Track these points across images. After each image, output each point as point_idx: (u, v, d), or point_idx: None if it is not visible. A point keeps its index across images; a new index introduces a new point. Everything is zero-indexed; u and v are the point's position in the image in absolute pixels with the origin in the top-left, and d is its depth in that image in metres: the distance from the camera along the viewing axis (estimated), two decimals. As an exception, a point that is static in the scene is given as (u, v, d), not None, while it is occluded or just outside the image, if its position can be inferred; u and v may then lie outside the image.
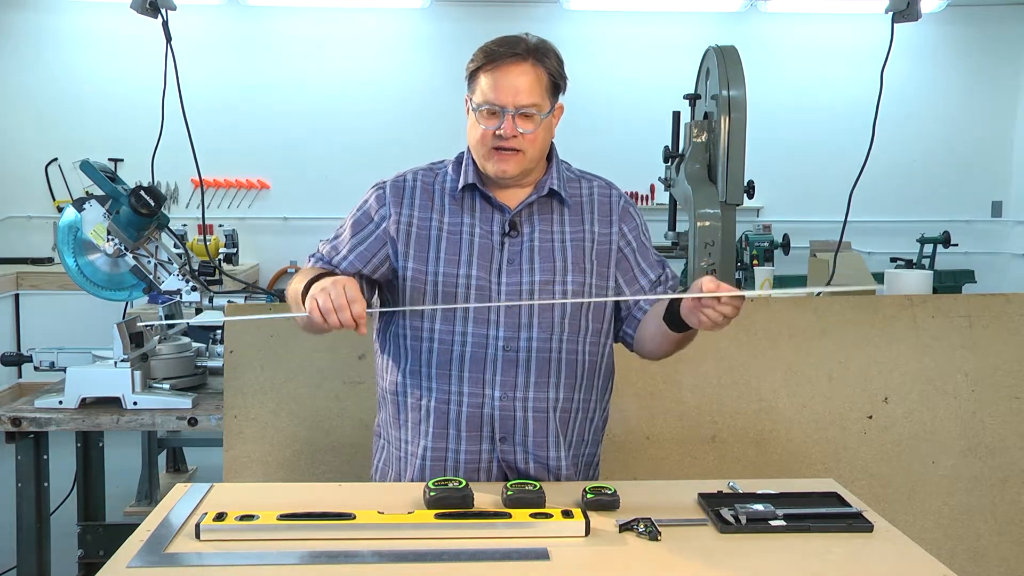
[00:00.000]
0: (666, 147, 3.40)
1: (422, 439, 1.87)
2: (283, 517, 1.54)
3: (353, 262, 1.88)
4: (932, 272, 4.13)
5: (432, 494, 1.61)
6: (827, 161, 6.62)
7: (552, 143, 1.93)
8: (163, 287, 2.97)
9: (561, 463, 1.88)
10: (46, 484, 2.85)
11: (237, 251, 5.51)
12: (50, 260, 6.32)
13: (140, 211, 2.87)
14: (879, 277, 3.63)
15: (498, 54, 1.78)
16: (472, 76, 1.82)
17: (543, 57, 1.80)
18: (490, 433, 1.84)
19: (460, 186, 1.87)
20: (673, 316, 1.74)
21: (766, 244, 4.38)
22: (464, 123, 1.87)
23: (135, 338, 2.85)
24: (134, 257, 2.96)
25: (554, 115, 1.86)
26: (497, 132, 1.78)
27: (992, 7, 6.94)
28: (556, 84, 1.83)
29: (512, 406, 1.83)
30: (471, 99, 1.82)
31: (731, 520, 1.58)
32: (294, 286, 1.80)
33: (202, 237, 3.85)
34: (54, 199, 6.62)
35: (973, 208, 7.10)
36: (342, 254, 1.89)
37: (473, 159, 1.87)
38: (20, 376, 5.81)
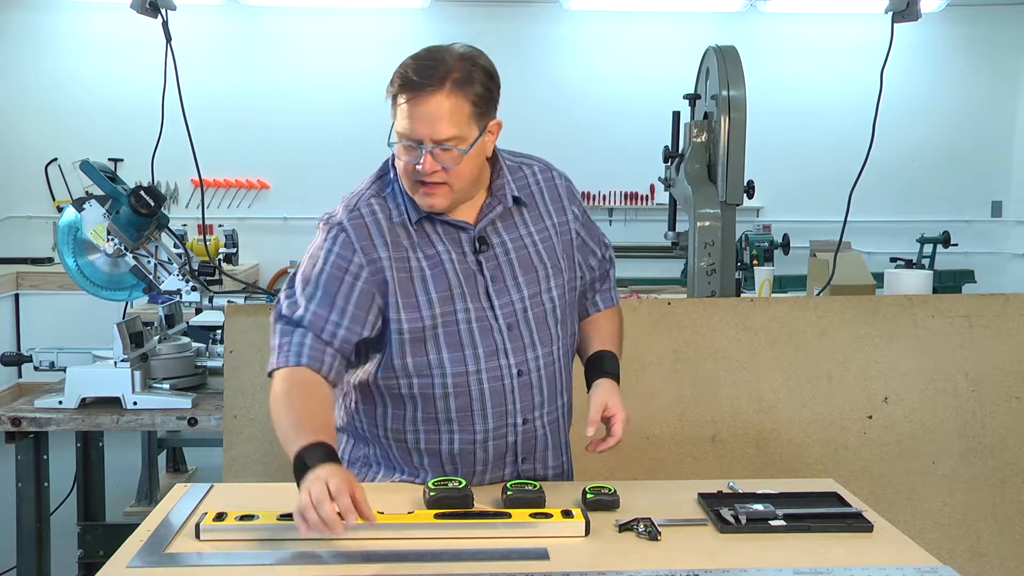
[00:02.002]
0: (666, 147, 3.40)
1: (444, 474, 1.80)
2: (283, 517, 1.54)
3: (352, 328, 1.68)
4: (932, 272, 4.13)
5: (432, 494, 1.61)
6: (827, 161, 6.61)
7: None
8: (163, 287, 2.97)
9: (567, 465, 1.90)
10: (46, 484, 2.85)
11: (237, 251, 5.49)
12: (50, 260, 6.32)
13: (140, 211, 2.87)
14: (879, 277, 3.63)
15: (413, 84, 1.61)
16: (392, 100, 1.65)
17: (463, 84, 1.62)
18: (513, 458, 1.82)
19: (415, 220, 1.73)
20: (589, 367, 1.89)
21: (766, 244, 4.36)
22: None
23: (135, 338, 2.85)
24: (134, 257, 2.96)
25: (488, 134, 1.70)
26: (417, 167, 1.64)
27: (992, 7, 6.94)
28: (483, 108, 1.66)
29: (533, 427, 1.80)
30: (393, 124, 1.67)
31: (731, 520, 1.58)
32: (283, 428, 1.63)
33: (202, 237, 3.85)
34: (54, 199, 6.62)
35: (973, 208, 7.10)
36: (333, 321, 1.67)
37: None
38: (20, 376, 5.81)
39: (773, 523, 1.58)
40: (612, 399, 1.78)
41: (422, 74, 1.61)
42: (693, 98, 3.37)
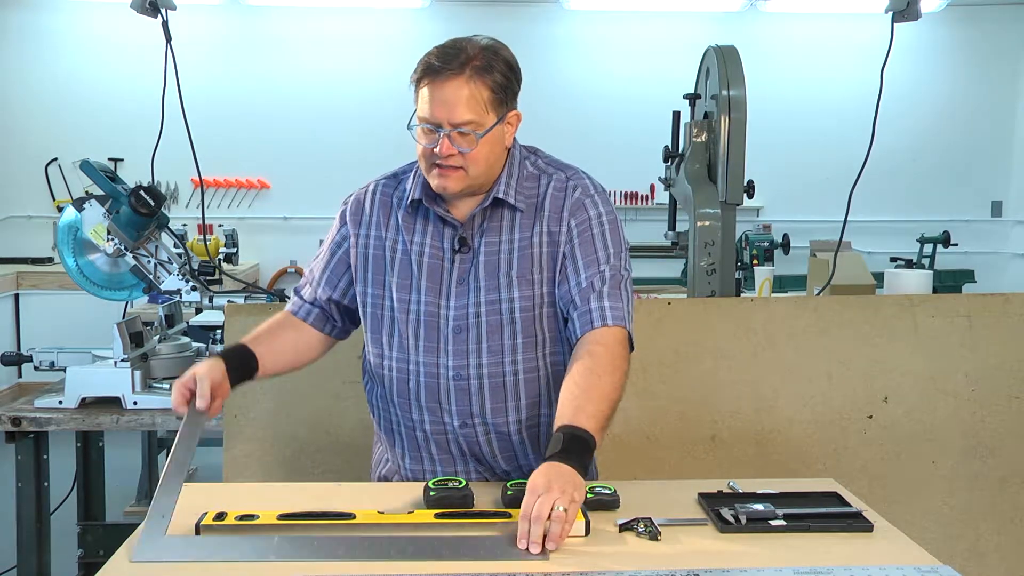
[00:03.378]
0: (666, 147, 3.40)
1: (398, 459, 1.88)
2: (283, 517, 1.54)
3: (324, 287, 1.88)
4: (932, 272, 4.13)
5: (432, 494, 1.61)
6: (827, 161, 6.62)
7: (515, 141, 1.81)
8: (163, 287, 2.97)
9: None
10: (46, 484, 2.85)
11: (237, 251, 5.49)
12: (50, 260, 6.32)
13: (140, 211, 2.87)
14: (879, 277, 3.63)
15: (434, 68, 1.66)
16: (415, 86, 1.71)
17: (483, 71, 1.67)
18: (460, 454, 1.82)
19: (408, 201, 1.79)
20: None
21: (766, 244, 4.37)
22: None
23: (135, 338, 2.85)
24: (134, 257, 2.96)
25: (508, 123, 1.74)
26: (435, 150, 1.68)
27: (992, 7, 6.94)
28: (501, 96, 1.70)
29: (473, 432, 1.80)
30: (415, 111, 1.72)
31: (731, 520, 1.58)
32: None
33: (202, 237, 3.85)
34: (54, 199, 6.62)
35: (973, 208, 7.10)
36: (316, 278, 1.89)
37: None
38: (20, 376, 5.81)
39: (773, 523, 1.58)
40: (536, 488, 1.47)
41: (443, 60, 1.67)
42: (693, 98, 3.37)
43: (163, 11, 2.96)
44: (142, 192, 2.87)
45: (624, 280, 1.77)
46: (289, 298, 1.98)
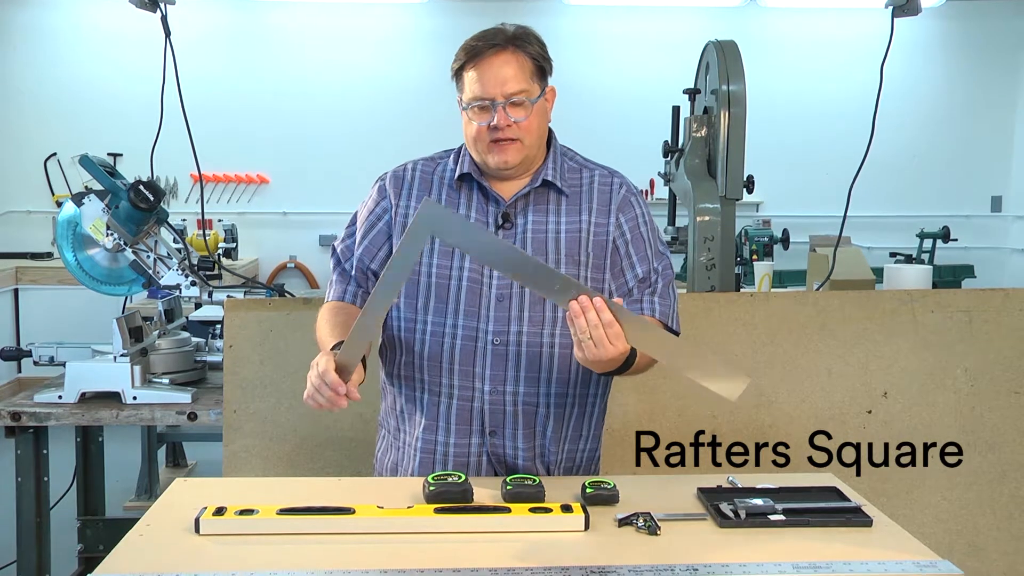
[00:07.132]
0: (665, 142, 3.40)
1: (415, 430, 1.89)
2: (282, 511, 1.54)
3: (362, 258, 1.91)
4: (931, 267, 4.13)
5: (431, 488, 1.61)
6: (827, 156, 6.60)
7: (551, 131, 1.93)
8: (162, 282, 2.97)
9: (553, 457, 1.88)
10: (46, 479, 2.86)
11: (236, 246, 5.49)
12: (49, 255, 6.32)
13: (139, 206, 2.87)
14: (879, 272, 3.63)
15: (478, 48, 1.78)
16: (457, 75, 1.82)
17: (523, 43, 1.81)
18: (480, 427, 1.84)
19: (457, 175, 1.87)
20: None
21: (766, 239, 4.38)
22: (460, 121, 1.86)
23: (135, 333, 2.85)
24: (133, 252, 2.96)
25: (547, 99, 1.87)
26: (491, 125, 1.77)
27: (991, 2, 6.94)
28: (541, 67, 1.84)
29: (502, 400, 1.82)
30: (461, 98, 1.83)
31: (730, 514, 1.58)
32: (319, 335, 1.85)
33: (201, 232, 3.85)
34: (53, 194, 6.61)
35: (973, 203, 7.10)
36: (355, 253, 1.93)
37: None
38: (19, 371, 5.81)
39: (772, 517, 1.58)
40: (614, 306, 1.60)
41: (486, 40, 1.79)
42: (693, 93, 3.37)
43: (162, 6, 2.95)
44: (141, 187, 2.87)
45: (671, 281, 1.91)
46: (290, 294, 1.99)
